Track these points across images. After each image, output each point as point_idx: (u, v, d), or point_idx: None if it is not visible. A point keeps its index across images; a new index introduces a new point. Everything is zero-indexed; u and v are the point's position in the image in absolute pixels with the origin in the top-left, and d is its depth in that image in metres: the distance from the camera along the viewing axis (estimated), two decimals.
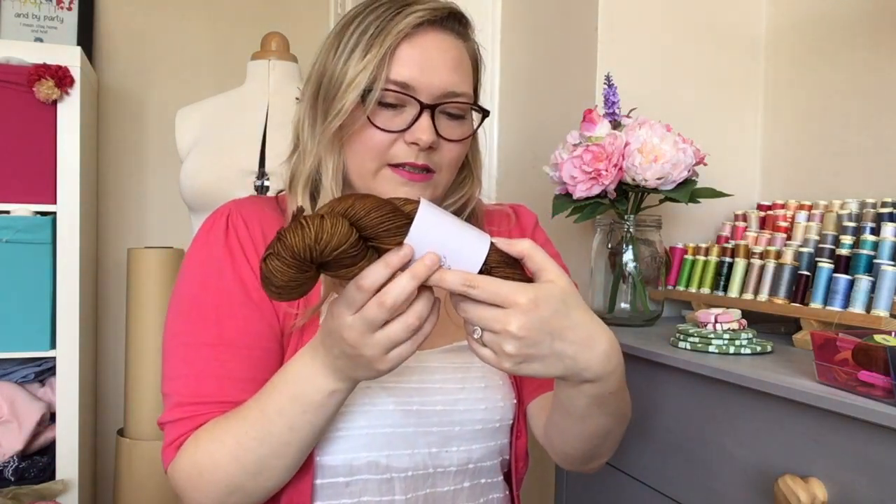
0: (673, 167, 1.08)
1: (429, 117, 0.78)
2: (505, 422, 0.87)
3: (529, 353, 0.62)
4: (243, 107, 1.71)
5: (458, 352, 0.86)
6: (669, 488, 0.94)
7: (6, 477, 1.76)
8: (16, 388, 1.83)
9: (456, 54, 0.81)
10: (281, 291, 0.61)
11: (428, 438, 0.82)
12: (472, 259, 0.62)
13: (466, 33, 0.85)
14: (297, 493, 0.78)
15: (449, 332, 0.86)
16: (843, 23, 1.27)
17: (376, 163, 0.79)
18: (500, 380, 0.87)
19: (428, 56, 0.79)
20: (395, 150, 0.79)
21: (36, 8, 2.20)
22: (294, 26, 2.25)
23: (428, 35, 0.80)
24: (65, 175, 1.83)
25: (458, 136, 0.82)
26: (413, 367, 0.83)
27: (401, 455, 0.81)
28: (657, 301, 1.19)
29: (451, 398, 0.83)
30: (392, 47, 0.77)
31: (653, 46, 1.35)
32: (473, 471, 0.86)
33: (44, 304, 1.81)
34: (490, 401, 0.85)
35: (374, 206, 0.61)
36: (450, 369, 0.85)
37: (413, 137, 0.77)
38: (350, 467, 0.79)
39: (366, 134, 0.79)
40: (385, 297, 0.61)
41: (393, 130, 0.78)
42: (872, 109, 1.21)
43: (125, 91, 2.33)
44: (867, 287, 0.93)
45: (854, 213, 1.11)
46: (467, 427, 0.84)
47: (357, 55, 0.77)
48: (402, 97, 0.78)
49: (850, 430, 0.69)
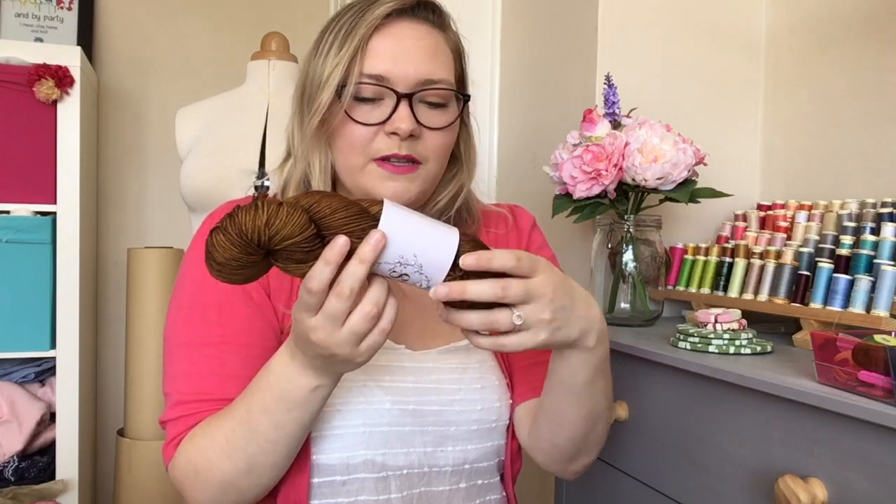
0: (673, 167, 1.08)
1: (407, 106, 0.78)
2: (501, 422, 0.87)
3: (560, 316, 0.65)
4: (243, 107, 1.70)
5: (455, 352, 0.86)
6: (669, 488, 0.94)
7: (6, 477, 1.76)
8: (16, 388, 1.83)
9: (430, 42, 0.81)
10: (221, 269, 0.60)
11: (424, 438, 0.82)
12: (443, 254, 0.62)
13: (443, 23, 0.84)
14: (293, 492, 0.78)
15: (445, 334, 0.86)
16: (843, 23, 1.27)
17: (361, 158, 0.80)
18: (497, 380, 0.88)
19: (400, 46, 0.79)
20: (377, 144, 0.79)
21: (36, 8, 2.20)
22: (294, 26, 2.25)
23: (399, 25, 0.80)
24: (65, 175, 1.83)
25: (440, 124, 0.81)
26: (410, 367, 0.83)
27: (397, 454, 0.81)
28: (657, 301, 1.19)
29: (447, 398, 0.83)
30: (364, 40, 0.77)
31: (653, 46, 1.35)
32: (470, 471, 0.86)
33: (44, 304, 1.81)
34: (486, 401, 0.85)
35: (341, 206, 0.60)
36: (446, 370, 0.85)
37: (392, 127, 0.77)
38: (347, 466, 0.79)
39: (346, 129, 0.79)
40: (341, 287, 0.60)
41: (371, 123, 0.78)
42: (872, 109, 1.21)
43: (125, 91, 2.33)
44: (867, 287, 0.93)
45: (854, 213, 1.11)
46: (463, 427, 0.84)
47: (332, 53, 0.78)
48: (378, 90, 0.78)
49: (850, 430, 0.69)
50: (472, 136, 0.90)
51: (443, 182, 0.87)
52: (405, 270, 0.62)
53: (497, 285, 0.62)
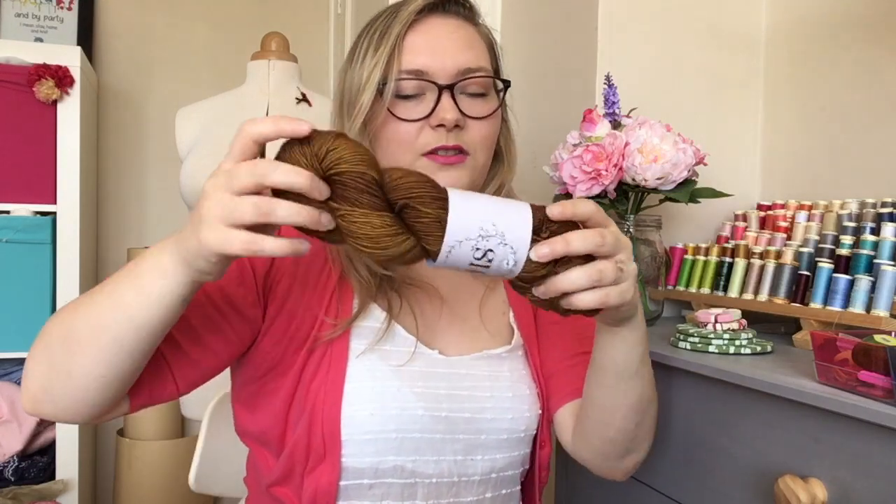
0: (673, 167, 1.08)
1: (449, 97, 0.78)
2: (529, 432, 0.86)
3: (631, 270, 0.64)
4: (243, 107, 1.71)
5: (488, 360, 0.85)
6: (669, 488, 0.94)
7: (6, 477, 1.76)
8: (16, 388, 1.83)
9: (464, 34, 0.82)
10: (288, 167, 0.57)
11: (455, 446, 0.81)
12: (521, 220, 0.60)
13: (473, 17, 0.86)
14: (322, 494, 0.77)
15: (481, 340, 0.86)
16: (843, 23, 1.27)
17: (409, 155, 0.79)
18: (528, 390, 0.87)
19: (436, 40, 0.80)
20: (424, 138, 0.79)
21: (36, 8, 2.19)
22: (294, 26, 2.25)
23: (432, 21, 0.81)
24: (65, 175, 1.83)
25: (483, 113, 0.81)
26: (443, 372, 0.82)
27: (427, 461, 0.80)
28: (657, 301, 1.19)
29: (478, 406, 0.82)
30: (399, 38, 0.78)
31: (653, 46, 1.35)
32: (496, 480, 0.85)
33: (44, 304, 1.81)
34: (517, 411, 0.84)
35: (411, 174, 0.60)
36: (479, 377, 0.84)
37: (437, 119, 0.78)
38: (376, 470, 0.78)
39: (390, 128, 0.79)
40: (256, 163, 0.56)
41: (416, 119, 0.78)
42: (872, 109, 1.21)
43: (125, 91, 2.33)
44: (867, 287, 0.93)
45: (854, 213, 1.11)
46: (493, 436, 0.83)
47: (369, 55, 0.79)
48: (419, 85, 0.79)
49: (850, 430, 0.69)
50: (512, 132, 0.90)
51: (486, 179, 0.87)
52: (489, 245, 0.59)
53: (596, 233, 0.61)
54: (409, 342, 0.82)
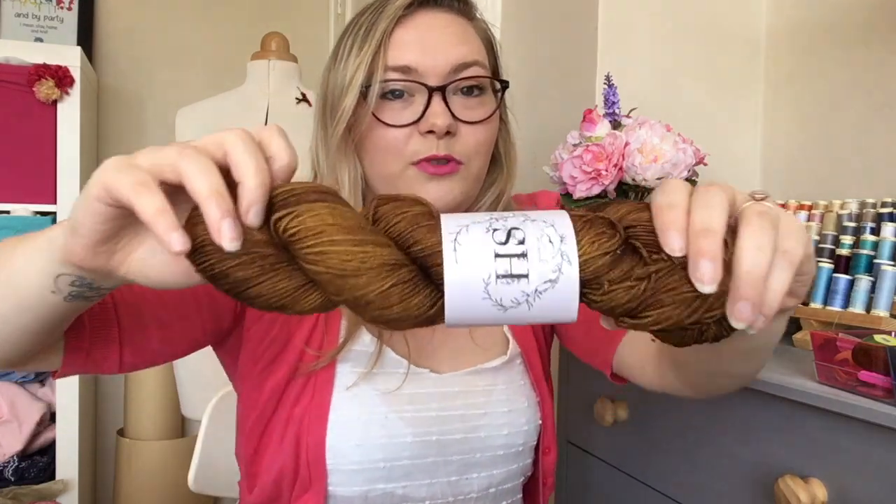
0: (673, 167, 1.08)
1: (440, 100, 0.71)
2: (528, 445, 0.83)
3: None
4: (243, 107, 1.71)
5: (482, 374, 0.82)
6: (669, 488, 0.94)
7: (6, 477, 1.76)
8: (16, 387, 1.83)
9: (458, 29, 0.75)
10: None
11: (448, 468, 0.78)
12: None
13: (469, 11, 0.79)
14: None
15: (475, 354, 0.82)
16: (843, 23, 1.27)
17: (397, 164, 0.73)
18: (526, 402, 0.83)
19: (427, 35, 0.73)
20: (413, 146, 0.72)
21: (36, 8, 2.19)
22: (294, 26, 2.25)
23: (423, 15, 0.74)
24: (65, 175, 1.83)
25: (478, 117, 0.74)
26: (434, 392, 0.78)
27: (419, 485, 0.77)
28: None
29: (471, 425, 0.78)
30: (386, 33, 0.71)
31: (653, 46, 1.35)
32: (495, 494, 0.82)
33: None
34: (513, 425, 0.81)
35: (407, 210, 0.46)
36: (473, 393, 0.80)
37: (427, 125, 0.71)
38: (365, 498, 0.75)
39: (376, 134, 0.72)
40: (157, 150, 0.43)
41: (403, 124, 0.71)
42: (872, 109, 1.21)
43: (125, 91, 2.33)
44: (867, 287, 0.93)
45: (854, 213, 1.11)
46: (488, 453, 0.80)
47: (353, 54, 0.73)
48: (407, 84, 0.72)
49: (850, 430, 0.69)
50: (512, 135, 0.83)
51: (483, 187, 0.81)
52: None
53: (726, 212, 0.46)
54: (401, 365, 0.77)
